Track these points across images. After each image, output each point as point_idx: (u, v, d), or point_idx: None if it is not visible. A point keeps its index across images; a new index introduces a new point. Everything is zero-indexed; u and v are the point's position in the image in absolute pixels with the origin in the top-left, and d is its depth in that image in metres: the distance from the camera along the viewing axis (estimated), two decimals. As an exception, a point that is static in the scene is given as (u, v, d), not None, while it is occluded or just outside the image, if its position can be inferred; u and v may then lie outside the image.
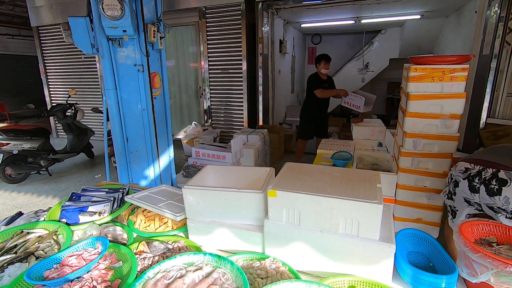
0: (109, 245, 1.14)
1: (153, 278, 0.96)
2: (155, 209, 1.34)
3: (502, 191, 1.44)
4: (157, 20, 2.69)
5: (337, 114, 8.87)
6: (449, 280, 0.93)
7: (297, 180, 1.13)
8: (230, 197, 1.16)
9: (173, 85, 6.12)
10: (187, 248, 1.21)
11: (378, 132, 3.06)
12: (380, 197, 0.96)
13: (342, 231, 0.99)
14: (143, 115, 2.69)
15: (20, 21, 9.09)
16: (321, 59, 3.99)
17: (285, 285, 0.90)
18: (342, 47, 9.46)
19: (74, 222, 1.36)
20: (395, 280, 1.01)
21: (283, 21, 6.65)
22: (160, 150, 2.90)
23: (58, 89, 7.17)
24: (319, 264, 1.05)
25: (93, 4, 2.39)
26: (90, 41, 2.57)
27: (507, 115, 3.81)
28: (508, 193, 1.41)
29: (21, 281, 1.00)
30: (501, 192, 1.44)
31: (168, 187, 1.67)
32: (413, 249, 1.17)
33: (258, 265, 1.06)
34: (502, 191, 1.44)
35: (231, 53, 5.38)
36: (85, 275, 1.00)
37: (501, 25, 3.57)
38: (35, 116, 9.53)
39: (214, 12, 5.29)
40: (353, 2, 5.05)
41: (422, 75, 2.00)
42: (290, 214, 1.05)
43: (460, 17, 5.49)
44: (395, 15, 6.30)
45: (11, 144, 3.99)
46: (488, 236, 1.09)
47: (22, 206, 3.67)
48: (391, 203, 2.34)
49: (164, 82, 2.91)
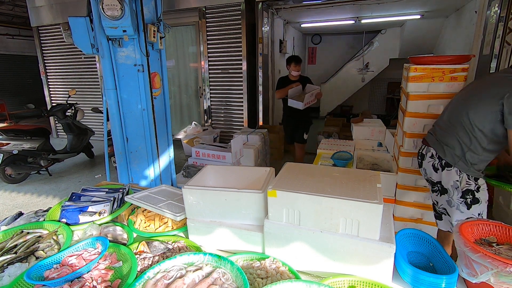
0: (109, 245, 1.14)
1: (153, 278, 0.96)
2: (155, 209, 1.34)
3: (422, 164, 1.88)
4: (157, 20, 2.69)
5: (337, 114, 8.89)
6: (449, 280, 0.93)
7: (297, 180, 1.13)
8: (230, 197, 1.16)
9: (173, 85, 6.12)
10: (187, 248, 1.21)
11: (378, 132, 3.07)
12: (380, 197, 0.96)
13: (342, 231, 0.99)
14: (143, 115, 2.69)
15: (20, 21, 9.09)
16: (290, 60, 3.80)
17: (285, 285, 0.90)
18: (342, 47, 9.47)
19: (74, 222, 1.36)
20: (395, 280, 1.01)
21: (283, 21, 6.66)
22: (160, 150, 2.90)
23: (58, 89, 7.17)
24: (319, 264, 1.05)
25: (93, 4, 2.39)
26: (90, 41, 2.57)
27: (507, 115, 3.79)
28: (426, 165, 1.83)
29: (21, 281, 1.00)
30: (421, 164, 1.88)
31: (168, 187, 1.67)
32: (413, 249, 1.17)
33: (258, 265, 1.06)
34: (422, 164, 1.87)
35: (231, 53, 5.38)
36: (85, 275, 1.00)
37: (501, 25, 3.57)
38: (35, 116, 9.53)
39: (214, 12, 5.29)
40: (353, 2, 5.05)
41: (422, 75, 2.00)
42: (290, 214, 1.05)
43: (460, 17, 5.49)
44: (395, 15, 6.31)
45: (11, 144, 3.99)
46: (488, 236, 1.09)
47: (22, 206, 3.67)
48: (391, 203, 2.34)
49: (164, 82, 2.91)
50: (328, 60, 9.70)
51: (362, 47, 8.62)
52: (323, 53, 9.77)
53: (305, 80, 3.92)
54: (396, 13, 6.12)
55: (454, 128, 1.68)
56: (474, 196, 1.66)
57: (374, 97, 9.67)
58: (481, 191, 1.66)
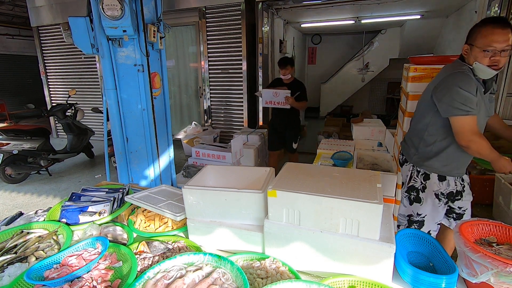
0: (109, 245, 1.14)
1: (153, 278, 0.96)
2: (155, 209, 1.34)
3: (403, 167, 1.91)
4: (157, 20, 2.69)
5: (337, 114, 8.89)
6: (449, 280, 0.92)
7: (297, 180, 1.12)
8: (230, 197, 1.16)
9: (173, 85, 6.12)
10: (187, 248, 1.20)
11: (378, 132, 3.06)
12: (380, 197, 0.96)
13: (342, 231, 0.99)
14: (143, 115, 2.69)
15: (20, 21, 9.08)
16: (279, 64, 3.54)
17: (285, 285, 0.90)
18: (342, 47, 9.47)
19: (74, 222, 1.36)
20: (395, 280, 1.00)
21: (283, 21, 6.65)
22: (160, 150, 2.90)
23: (58, 89, 7.17)
24: (319, 264, 1.05)
25: (93, 4, 2.39)
26: (90, 41, 2.57)
27: (507, 115, 3.81)
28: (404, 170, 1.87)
29: (21, 281, 1.00)
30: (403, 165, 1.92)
31: (168, 187, 1.67)
32: (413, 249, 1.17)
33: (258, 265, 1.06)
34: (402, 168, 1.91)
35: (231, 53, 5.38)
36: (85, 275, 1.00)
37: (501, 25, 3.56)
38: (35, 116, 9.53)
39: (214, 12, 5.29)
40: (353, 2, 5.05)
41: (422, 75, 2.00)
42: (290, 214, 1.05)
43: (460, 17, 5.49)
44: (395, 15, 6.31)
45: (11, 144, 3.99)
46: (488, 236, 1.09)
47: (22, 206, 3.67)
48: (391, 203, 2.33)
49: (164, 82, 2.91)
50: (328, 60, 9.70)
51: (362, 47, 8.62)
52: (323, 53, 9.77)
53: (298, 86, 3.56)
54: (396, 13, 6.12)
55: (413, 124, 1.83)
56: (418, 195, 1.76)
57: (374, 97, 9.66)
58: (426, 192, 1.73)
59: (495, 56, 1.40)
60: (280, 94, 3.42)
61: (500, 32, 1.38)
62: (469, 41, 1.51)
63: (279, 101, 3.45)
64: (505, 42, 1.38)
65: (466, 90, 1.46)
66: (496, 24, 1.39)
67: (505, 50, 1.39)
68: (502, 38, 1.38)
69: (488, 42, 1.40)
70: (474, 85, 1.48)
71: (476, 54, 1.45)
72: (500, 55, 1.40)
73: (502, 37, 1.38)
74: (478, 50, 1.44)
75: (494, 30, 1.39)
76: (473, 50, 1.47)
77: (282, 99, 3.43)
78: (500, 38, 1.38)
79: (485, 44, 1.41)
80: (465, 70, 1.51)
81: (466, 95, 1.46)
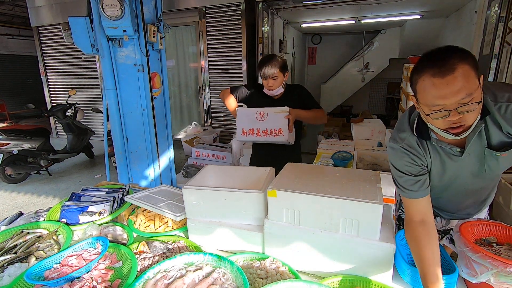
0: (109, 245, 1.14)
1: (153, 278, 0.96)
2: (155, 209, 1.34)
3: None
4: (157, 20, 2.69)
5: (337, 114, 8.89)
6: (449, 280, 0.93)
7: (297, 180, 1.13)
8: (230, 197, 1.16)
9: (173, 85, 6.12)
10: (187, 248, 1.21)
11: (378, 132, 3.07)
12: (380, 197, 0.96)
13: (342, 231, 0.99)
14: (143, 115, 2.69)
15: (20, 21, 9.08)
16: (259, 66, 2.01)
17: (285, 285, 0.90)
18: (342, 47, 9.47)
19: (74, 222, 1.36)
20: (395, 280, 1.01)
21: (283, 21, 6.65)
22: (160, 150, 2.90)
23: (58, 89, 7.16)
24: (319, 264, 1.05)
25: (93, 4, 2.39)
26: (90, 41, 2.58)
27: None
28: None
29: (21, 281, 1.00)
30: None
31: (168, 187, 1.67)
32: (413, 249, 1.17)
33: (258, 265, 1.06)
34: None
35: (231, 53, 5.38)
36: (85, 275, 1.00)
37: (501, 25, 3.56)
38: (35, 116, 9.53)
39: (214, 12, 5.29)
40: (353, 2, 5.05)
41: (422, 75, 1.99)
42: (290, 214, 1.05)
43: (460, 17, 5.49)
44: (395, 15, 6.30)
45: (11, 144, 3.99)
46: (488, 236, 1.09)
47: (22, 206, 3.67)
48: (391, 203, 2.34)
49: (164, 82, 2.91)
50: (328, 60, 9.70)
51: (362, 47, 8.62)
52: (323, 53, 9.77)
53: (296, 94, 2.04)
54: (396, 13, 6.12)
55: None
56: None
57: (374, 97, 9.66)
58: None
59: (451, 117, 0.85)
60: (270, 117, 1.88)
61: (442, 82, 0.82)
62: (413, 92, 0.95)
63: (270, 128, 1.89)
64: (456, 95, 0.82)
65: (396, 167, 1.07)
66: (436, 70, 0.83)
67: (462, 104, 0.83)
68: (449, 90, 0.82)
69: (431, 99, 0.86)
70: (416, 154, 1.03)
71: (425, 114, 0.91)
72: (457, 112, 0.84)
73: (449, 88, 0.82)
74: (425, 108, 0.90)
75: (434, 80, 0.83)
76: (420, 106, 0.93)
77: (275, 125, 1.87)
78: (446, 91, 0.82)
79: (429, 103, 0.87)
80: (403, 138, 1.05)
81: (397, 174, 1.08)
